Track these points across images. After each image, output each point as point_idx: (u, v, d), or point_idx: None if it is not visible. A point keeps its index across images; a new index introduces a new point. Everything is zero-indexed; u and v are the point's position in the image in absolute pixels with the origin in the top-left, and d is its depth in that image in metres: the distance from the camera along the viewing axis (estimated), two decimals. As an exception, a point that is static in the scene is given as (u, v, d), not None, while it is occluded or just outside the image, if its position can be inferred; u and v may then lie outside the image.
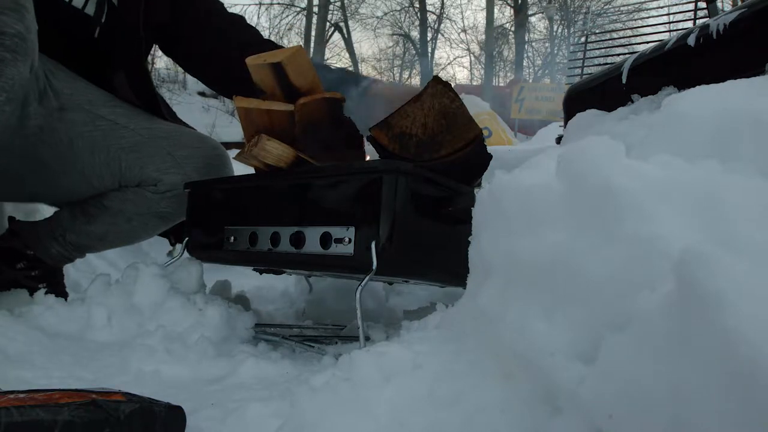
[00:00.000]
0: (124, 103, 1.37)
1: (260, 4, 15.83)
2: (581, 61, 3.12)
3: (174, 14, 1.45)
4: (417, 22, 16.45)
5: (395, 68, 18.75)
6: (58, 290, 1.35)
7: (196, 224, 1.39)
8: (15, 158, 1.22)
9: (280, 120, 1.21)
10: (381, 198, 0.98)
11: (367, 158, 1.30)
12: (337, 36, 16.02)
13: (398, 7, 16.89)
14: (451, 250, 1.03)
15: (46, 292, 1.21)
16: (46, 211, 1.60)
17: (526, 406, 0.53)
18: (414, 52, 17.25)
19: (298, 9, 15.99)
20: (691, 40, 1.27)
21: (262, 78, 1.24)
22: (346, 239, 1.01)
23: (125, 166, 1.33)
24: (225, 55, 1.48)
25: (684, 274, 0.40)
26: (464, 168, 1.18)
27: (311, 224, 1.08)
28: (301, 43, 15.50)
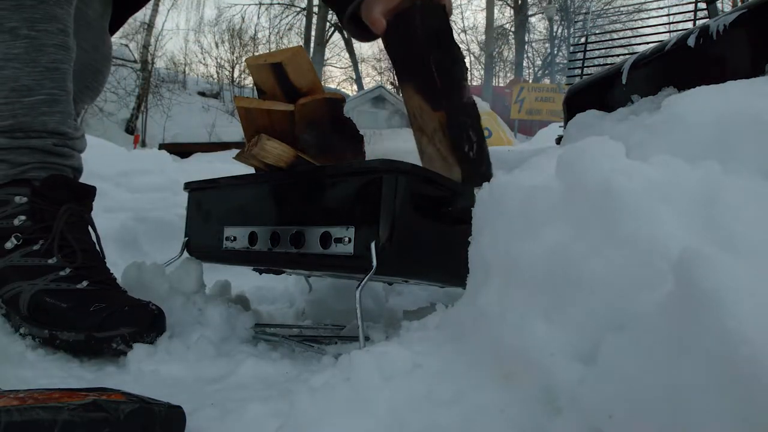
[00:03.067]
0: None
1: (260, 4, 15.85)
2: (581, 61, 3.12)
3: None
4: (417, 23, 16.43)
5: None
6: None
7: (196, 224, 1.39)
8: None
9: (281, 120, 1.21)
10: (381, 198, 0.98)
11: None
12: (337, 36, 16.04)
13: (398, 8, 16.87)
14: (451, 250, 1.03)
15: None
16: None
17: (526, 406, 0.53)
18: (414, 52, 17.23)
19: (298, 9, 16.01)
20: (691, 41, 1.27)
21: (263, 78, 1.24)
22: (346, 239, 1.01)
23: None
24: None
25: (683, 275, 0.40)
26: None
27: (311, 224, 1.08)
28: (301, 43, 15.50)
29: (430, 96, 1.24)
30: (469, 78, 1.27)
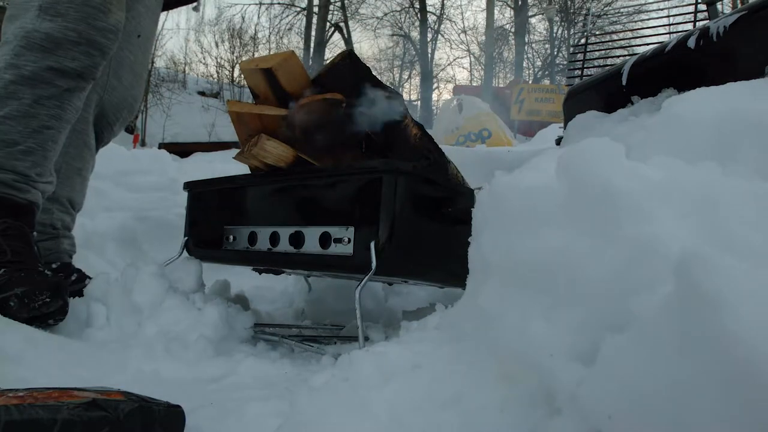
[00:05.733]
0: None
1: (260, 4, 15.84)
2: (581, 62, 3.12)
3: None
4: (417, 23, 16.44)
5: (395, 68, 18.76)
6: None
7: (196, 223, 1.39)
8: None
9: (272, 124, 1.21)
10: (380, 198, 0.98)
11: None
12: (337, 36, 16.02)
13: (398, 8, 16.89)
14: (451, 250, 1.03)
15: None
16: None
17: (526, 406, 0.53)
18: (414, 52, 17.24)
19: (298, 9, 15.99)
20: (691, 42, 1.28)
21: (256, 83, 1.25)
22: (346, 239, 1.01)
23: None
24: None
25: (683, 276, 0.40)
26: None
27: (311, 224, 1.08)
28: (301, 43, 15.50)
29: (378, 154, 1.24)
30: (406, 112, 1.25)
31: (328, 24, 15.32)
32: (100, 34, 1.21)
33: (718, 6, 2.26)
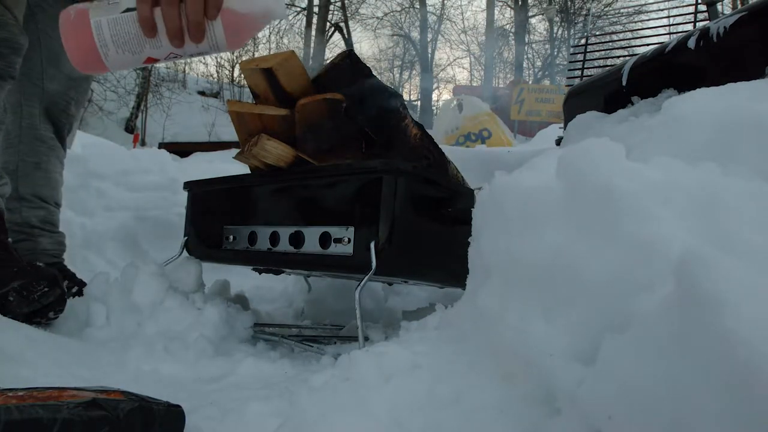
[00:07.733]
0: None
1: (260, 3, 15.82)
2: (581, 63, 3.11)
3: None
4: (417, 23, 16.45)
5: (395, 68, 18.74)
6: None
7: (196, 223, 1.39)
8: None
9: (272, 124, 1.21)
10: (381, 198, 0.98)
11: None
12: (337, 36, 16.01)
13: (398, 8, 16.88)
14: (451, 250, 1.03)
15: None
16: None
17: (525, 406, 0.53)
18: (414, 52, 17.25)
19: (298, 9, 15.99)
20: (691, 43, 1.28)
21: (256, 82, 1.25)
22: (346, 239, 1.01)
23: None
24: None
25: (683, 276, 0.40)
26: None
27: (310, 224, 1.08)
28: (301, 43, 15.50)
29: (378, 154, 1.23)
30: (406, 113, 1.24)
31: (328, 24, 15.32)
32: (5, 30, 1.13)
33: (718, 6, 2.26)
